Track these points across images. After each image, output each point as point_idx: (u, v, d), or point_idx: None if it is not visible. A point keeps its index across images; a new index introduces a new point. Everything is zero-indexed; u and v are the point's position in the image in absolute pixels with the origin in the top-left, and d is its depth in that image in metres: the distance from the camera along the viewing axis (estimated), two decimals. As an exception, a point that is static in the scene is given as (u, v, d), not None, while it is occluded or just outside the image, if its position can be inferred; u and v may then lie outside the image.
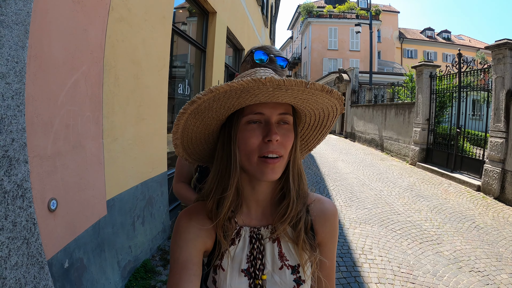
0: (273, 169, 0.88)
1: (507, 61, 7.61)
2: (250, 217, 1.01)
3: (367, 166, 11.30)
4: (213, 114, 0.92)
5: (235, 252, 0.97)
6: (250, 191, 0.99)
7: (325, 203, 1.06)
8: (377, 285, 3.79)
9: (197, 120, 0.92)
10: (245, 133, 0.90)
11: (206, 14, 6.40)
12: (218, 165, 0.97)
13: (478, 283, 3.87)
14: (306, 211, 1.01)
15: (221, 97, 0.83)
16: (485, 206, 6.99)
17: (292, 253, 0.98)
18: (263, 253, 0.97)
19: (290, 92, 0.83)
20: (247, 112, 0.90)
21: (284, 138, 0.90)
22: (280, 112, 0.90)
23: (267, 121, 0.89)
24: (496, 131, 7.78)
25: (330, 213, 1.05)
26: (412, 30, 48.05)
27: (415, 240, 5.06)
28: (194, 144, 1.02)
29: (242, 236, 0.98)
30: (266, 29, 16.01)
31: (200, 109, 0.88)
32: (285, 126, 0.91)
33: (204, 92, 0.81)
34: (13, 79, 1.64)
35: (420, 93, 11.67)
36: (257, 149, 0.88)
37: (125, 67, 3.27)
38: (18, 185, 1.70)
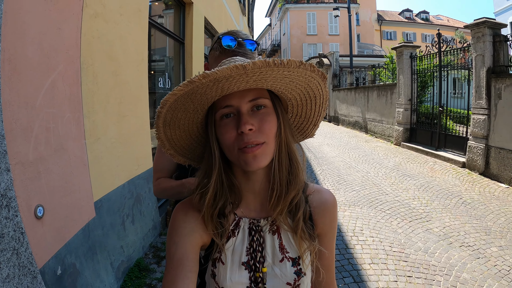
0: (254, 157, 0.85)
1: (486, 39, 7.72)
2: (249, 209, 1.00)
3: (353, 148, 11.41)
4: (185, 121, 0.92)
5: (234, 244, 0.95)
6: (245, 182, 0.98)
7: (325, 194, 1.04)
8: (370, 266, 3.85)
9: (175, 130, 0.93)
10: (219, 129, 0.89)
11: (182, 5, 6.28)
12: (205, 162, 0.96)
13: (469, 257, 3.97)
14: (305, 201, 0.99)
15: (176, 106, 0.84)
16: (471, 182, 7.16)
17: (292, 244, 0.96)
18: (263, 245, 0.95)
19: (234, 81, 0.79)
20: (218, 107, 0.89)
21: (261, 123, 0.87)
22: (249, 99, 0.87)
23: (238, 112, 0.87)
24: (478, 108, 7.92)
25: (330, 204, 1.03)
26: (390, 12, 48.41)
27: (405, 219, 5.15)
28: (190, 150, 1.03)
29: (241, 228, 0.97)
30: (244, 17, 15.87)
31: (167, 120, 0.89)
32: (261, 111, 0.89)
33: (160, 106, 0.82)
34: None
35: (401, 74, 11.76)
36: (235, 142, 0.86)
37: (103, 64, 3.19)
38: (1, 194, 1.64)
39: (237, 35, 1.54)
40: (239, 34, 1.56)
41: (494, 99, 7.55)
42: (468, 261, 3.89)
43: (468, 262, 3.88)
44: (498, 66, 7.59)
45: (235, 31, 1.58)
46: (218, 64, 0.90)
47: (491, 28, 7.69)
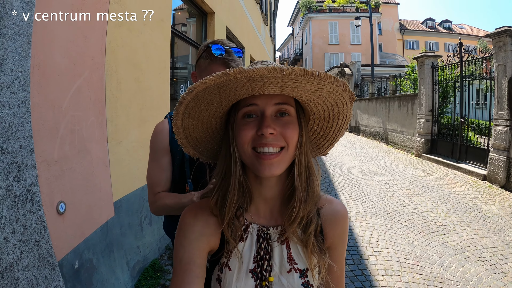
0: (270, 165, 0.84)
1: (508, 49, 7.58)
2: (258, 216, 0.98)
3: (372, 159, 11.29)
4: (206, 113, 0.92)
5: (243, 250, 0.94)
6: (257, 187, 0.96)
7: (336, 205, 1.02)
8: (383, 277, 3.81)
9: (193, 119, 0.92)
10: (239, 126, 0.88)
11: (204, 15, 6.44)
12: (222, 161, 0.95)
13: (486, 272, 3.87)
14: (318, 215, 0.97)
15: (203, 95, 0.83)
16: (491, 195, 6.97)
17: (301, 256, 0.95)
18: (270, 254, 0.94)
19: (269, 82, 0.78)
20: (242, 105, 0.88)
21: (284, 129, 0.86)
22: (276, 102, 0.86)
23: (262, 113, 0.86)
24: (500, 119, 7.76)
25: (341, 216, 1.02)
26: (412, 21, 47.73)
27: (422, 232, 5.07)
28: (202, 143, 1.02)
29: (249, 233, 0.95)
30: (266, 27, 16.03)
31: (189, 109, 0.88)
32: (285, 118, 0.88)
33: (186, 92, 0.82)
34: (18, 88, 1.70)
35: (423, 84, 11.61)
36: (250, 142, 0.86)
37: (127, 71, 3.33)
38: (27, 189, 1.76)
39: (223, 44, 1.60)
40: (225, 42, 1.62)
41: None
42: (484, 276, 3.80)
43: (484, 277, 3.79)
44: None
45: (220, 40, 1.64)
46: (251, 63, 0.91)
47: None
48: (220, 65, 1.56)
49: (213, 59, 1.57)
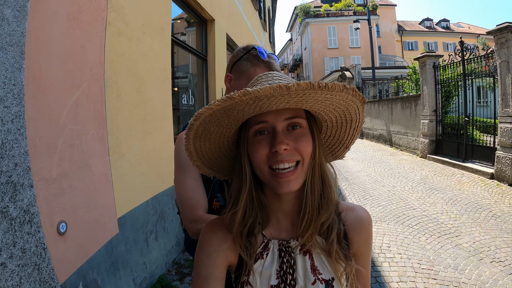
0: (288, 182, 0.84)
1: (510, 45, 7.55)
2: (279, 230, 0.97)
3: (378, 162, 11.20)
4: (216, 135, 0.92)
5: (263, 267, 0.92)
6: (276, 202, 0.96)
7: (359, 211, 1.01)
8: (398, 284, 3.71)
9: (204, 142, 0.92)
10: (252, 146, 0.88)
11: (204, 22, 6.39)
12: (236, 180, 0.95)
13: (501, 273, 3.80)
14: (338, 220, 0.96)
15: (211, 119, 0.83)
16: (500, 193, 6.90)
17: (325, 265, 0.92)
18: (293, 267, 0.92)
19: (276, 100, 0.78)
20: (252, 124, 0.88)
21: (297, 143, 0.85)
22: (286, 117, 0.86)
23: (273, 130, 0.86)
24: (506, 117, 7.72)
25: (365, 221, 1.00)
26: (410, 22, 48.14)
27: (433, 235, 4.98)
28: (217, 163, 1.02)
29: (270, 250, 0.94)
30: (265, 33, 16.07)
31: (199, 133, 0.88)
32: (297, 130, 0.87)
33: (194, 118, 0.81)
34: (12, 102, 1.60)
35: (425, 85, 11.56)
36: (265, 160, 0.85)
37: (127, 81, 3.24)
38: (24, 210, 1.66)
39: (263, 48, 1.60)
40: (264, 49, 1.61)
41: None
42: (499, 278, 3.71)
43: (499, 278, 3.70)
44: None
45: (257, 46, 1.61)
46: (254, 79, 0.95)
47: None
48: (264, 68, 1.54)
49: (257, 62, 1.55)
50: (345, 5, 39.53)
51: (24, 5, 1.71)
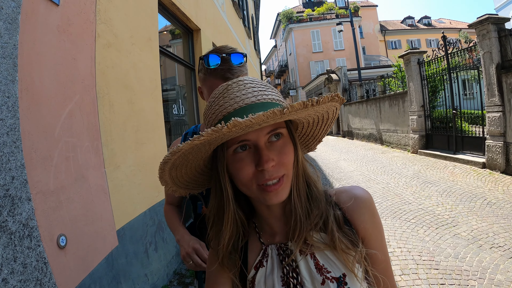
0: (276, 194, 0.81)
1: (491, 36, 7.71)
2: (274, 234, 0.94)
3: (370, 161, 11.28)
4: (194, 162, 0.88)
5: (265, 275, 0.89)
6: (266, 210, 0.92)
7: (353, 190, 0.93)
8: (401, 277, 3.74)
9: (181, 169, 0.88)
10: (234, 164, 0.82)
11: (190, 32, 6.42)
12: (213, 199, 0.90)
13: (501, 258, 3.86)
14: (331, 206, 0.90)
15: (191, 151, 0.79)
16: (493, 181, 7.01)
17: (332, 261, 0.86)
18: (296, 270, 0.87)
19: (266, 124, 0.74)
20: (231, 143, 0.81)
21: (281, 156, 0.82)
22: (268, 131, 0.81)
23: (256, 146, 0.81)
24: (493, 106, 7.85)
25: (363, 198, 0.91)
26: (392, 21, 48.79)
27: (431, 227, 5.04)
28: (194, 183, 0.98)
29: (269, 256, 0.91)
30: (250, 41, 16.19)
31: (177, 164, 0.83)
32: (279, 142, 0.83)
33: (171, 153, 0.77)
34: (6, 114, 1.60)
35: (411, 81, 11.71)
36: (253, 178, 0.81)
37: (118, 92, 3.24)
38: (23, 224, 1.64)
39: (221, 51, 1.47)
40: (224, 49, 1.49)
41: (507, 94, 7.46)
42: (500, 262, 3.78)
43: (500, 263, 3.76)
44: (506, 61, 7.52)
45: (219, 47, 1.51)
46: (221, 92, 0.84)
47: (495, 23, 7.68)
48: (216, 79, 1.42)
49: (207, 72, 1.45)
50: (327, 8, 39.94)
51: (15, 18, 1.71)
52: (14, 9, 1.73)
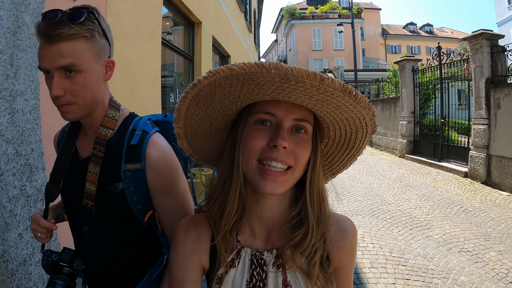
0: (273, 182, 0.77)
1: (484, 51, 7.91)
2: (253, 237, 0.90)
3: (357, 161, 10.67)
4: (217, 106, 0.83)
5: (234, 276, 0.86)
6: (253, 205, 0.88)
7: (343, 223, 0.92)
8: (370, 269, 4.01)
9: (200, 109, 0.84)
10: (249, 132, 0.80)
11: (192, 25, 6.66)
12: (223, 167, 0.88)
13: (467, 262, 4.09)
14: (323, 240, 0.87)
15: (223, 84, 0.74)
16: (473, 191, 7.26)
17: (299, 282, 0.85)
18: (264, 281, 0.85)
19: (302, 88, 0.70)
20: (258, 110, 0.80)
21: (297, 147, 0.79)
22: (296, 117, 0.79)
23: (278, 124, 0.78)
24: (479, 118, 8.08)
25: (349, 234, 0.91)
26: (394, 26, 48.52)
27: (405, 227, 5.27)
28: (200, 139, 0.94)
29: (242, 258, 0.87)
30: (250, 34, 16.33)
31: (202, 95, 0.79)
32: (300, 134, 0.80)
33: (204, 75, 0.73)
34: (30, 96, 1.86)
35: (404, 87, 11.97)
36: (258, 152, 0.78)
37: (122, 80, 3.50)
38: (38, 189, 1.91)
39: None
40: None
41: (494, 108, 7.73)
42: (466, 265, 4.00)
43: (466, 266, 3.99)
44: (496, 76, 7.78)
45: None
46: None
47: (488, 39, 7.92)
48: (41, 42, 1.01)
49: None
50: (330, 7, 39.87)
51: (40, 12, 1.97)
52: (39, 4, 1.99)
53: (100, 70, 1.10)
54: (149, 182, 1.15)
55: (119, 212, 1.18)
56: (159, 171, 1.15)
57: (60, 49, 0.97)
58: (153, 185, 1.15)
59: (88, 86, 1.05)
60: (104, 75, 1.14)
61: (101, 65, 1.10)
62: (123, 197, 1.15)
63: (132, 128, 1.19)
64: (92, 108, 1.12)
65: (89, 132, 1.21)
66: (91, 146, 1.18)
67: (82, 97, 1.05)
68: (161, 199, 1.18)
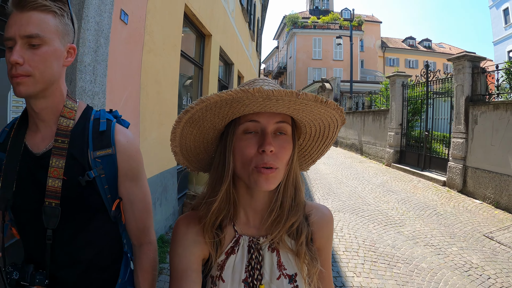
0: (267, 179, 0.86)
1: (465, 71, 8.47)
2: (248, 226, 0.99)
3: (346, 167, 12.17)
4: (209, 124, 0.93)
5: (235, 262, 0.95)
6: (248, 199, 0.98)
7: (322, 209, 1.07)
8: (344, 252, 4.69)
9: (193, 128, 0.93)
10: (240, 142, 0.88)
11: (203, 37, 7.49)
12: (214, 172, 0.96)
13: (430, 253, 4.64)
14: (307, 222, 0.99)
15: (213, 107, 0.83)
16: (448, 198, 7.83)
17: (290, 261, 0.96)
18: (261, 263, 0.95)
19: (281, 103, 0.81)
20: (243, 121, 0.89)
21: (280, 150, 0.88)
22: (277, 120, 0.88)
23: (263, 131, 0.87)
24: (458, 133, 8.64)
25: (328, 218, 1.06)
26: (394, 39, 48.61)
27: (380, 224, 5.88)
28: (194, 152, 1.02)
29: (241, 245, 0.96)
30: (252, 43, 16.93)
31: (195, 118, 0.88)
32: (282, 137, 0.90)
33: (196, 102, 0.81)
34: (101, 96, 2.67)
35: (393, 101, 12.59)
36: (253, 160, 0.86)
37: (152, 86, 4.29)
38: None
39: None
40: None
41: (471, 124, 8.25)
42: (428, 256, 4.53)
43: (428, 256, 4.52)
44: (475, 95, 8.33)
45: None
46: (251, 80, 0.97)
47: (470, 61, 8.46)
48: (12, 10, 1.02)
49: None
50: (332, 18, 40.19)
51: (108, 35, 2.78)
52: (107, 29, 2.81)
53: (62, 51, 1.10)
54: (119, 167, 1.19)
55: (89, 203, 1.16)
56: (128, 156, 1.21)
57: (29, 17, 1.00)
58: (123, 170, 1.20)
59: (48, 61, 1.04)
60: (64, 59, 1.13)
61: (64, 47, 1.11)
62: (94, 186, 1.15)
63: (94, 118, 1.22)
64: (48, 87, 1.09)
65: (41, 126, 1.16)
66: (45, 141, 1.16)
67: (40, 70, 1.03)
68: (128, 185, 1.22)
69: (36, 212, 1.10)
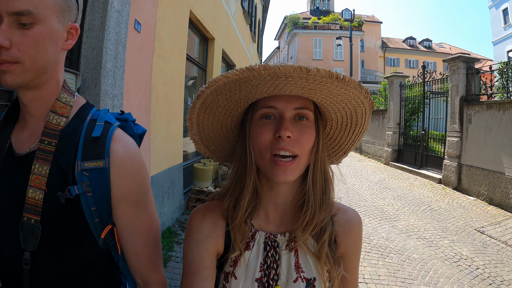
0: (284, 171, 0.81)
1: (460, 72, 8.72)
2: (267, 221, 0.93)
3: (345, 166, 12.33)
4: (223, 110, 0.89)
5: (249, 259, 0.90)
6: (267, 192, 0.92)
7: (350, 212, 0.98)
8: (339, 243, 4.97)
9: (209, 116, 0.90)
10: (257, 128, 0.85)
11: (206, 40, 7.81)
12: (236, 163, 0.92)
13: (422, 245, 4.84)
14: (332, 221, 0.92)
15: (223, 90, 0.81)
16: (443, 195, 8.09)
17: (309, 265, 0.89)
18: (277, 262, 0.89)
19: (292, 82, 0.76)
20: (260, 106, 0.85)
21: (300, 135, 0.82)
22: (296, 106, 0.84)
23: (281, 116, 0.83)
24: (453, 131, 8.90)
25: (355, 223, 0.97)
26: (394, 39, 48.26)
27: (376, 218, 6.10)
28: (215, 142, 0.99)
29: (256, 241, 0.91)
30: (254, 44, 17.14)
31: (207, 103, 0.85)
32: (303, 122, 0.85)
33: (206, 86, 0.78)
34: (120, 97, 3.00)
35: (392, 101, 12.82)
36: (269, 146, 0.82)
37: (161, 88, 4.61)
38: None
39: None
40: None
41: (466, 123, 8.49)
42: (420, 247, 4.71)
43: (420, 248, 4.71)
44: (469, 95, 8.56)
45: None
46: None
47: (465, 62, 8.70)
48: None
49: None
50: (332, 19, 40.00)
51: (125, 43, 3.10)
52: (124, 38, 3.13)
53: (60, 32, 0.89)
54: (113, 185, 0.91)
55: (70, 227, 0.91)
56: (126, 173, 0.92)
57: None
58: (117, 191, 0.92)
59: (42, 44, 0.83)
60: (64, 42, 0.92)
61: (63, 27, 0.89)
62: (76, 207, 0.89)
63: (91, 118, 0.96)
64: (40, 77, 0.88)
65: (30, 121, 0.95)
66: (32, 139, 0.93)
67: (31, 56, 0.82)
68: (125, 210, 0.94)
69: (14, 228, 0.86)
